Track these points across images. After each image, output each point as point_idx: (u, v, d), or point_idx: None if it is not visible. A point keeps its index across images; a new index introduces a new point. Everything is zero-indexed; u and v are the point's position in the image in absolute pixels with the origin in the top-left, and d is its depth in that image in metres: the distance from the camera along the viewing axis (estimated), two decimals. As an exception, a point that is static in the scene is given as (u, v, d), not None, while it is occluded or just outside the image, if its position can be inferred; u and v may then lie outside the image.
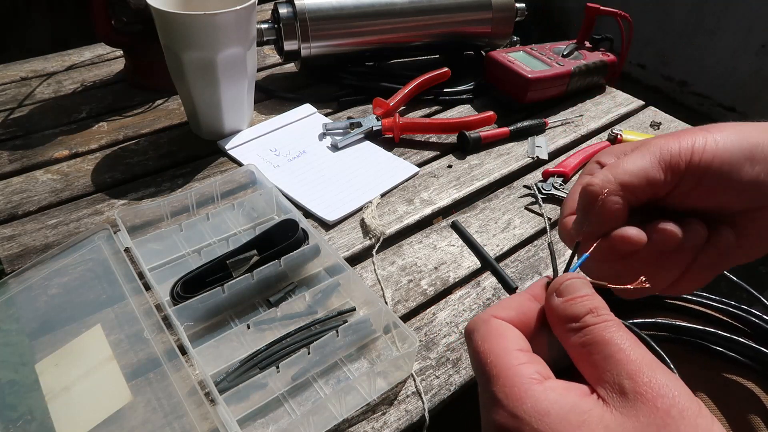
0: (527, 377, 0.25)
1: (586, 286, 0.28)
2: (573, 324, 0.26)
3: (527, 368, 0.25)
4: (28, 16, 1.56)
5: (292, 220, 0.56)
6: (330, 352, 0.47)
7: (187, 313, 0.48)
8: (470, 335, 0.28)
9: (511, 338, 0.27)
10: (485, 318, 0.28)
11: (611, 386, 0.24)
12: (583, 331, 0.26)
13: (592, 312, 0.26)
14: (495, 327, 0.28)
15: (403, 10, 0.84)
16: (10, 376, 0.45)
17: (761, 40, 1.56)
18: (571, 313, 0.27)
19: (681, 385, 0.24)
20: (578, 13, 0.94)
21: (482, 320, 0.28)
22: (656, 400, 0.23)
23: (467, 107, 0.85)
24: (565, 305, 0.27)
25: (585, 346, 0.25)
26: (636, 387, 0.23)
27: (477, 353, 0.27)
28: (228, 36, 0.63)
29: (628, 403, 0.23)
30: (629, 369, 0.24)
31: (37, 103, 0.80)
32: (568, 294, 0.28)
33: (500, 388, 0.25)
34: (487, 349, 0.26)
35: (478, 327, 0.28)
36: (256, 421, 0.44)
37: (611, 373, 0.24)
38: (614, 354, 0.24)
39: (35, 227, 0.59)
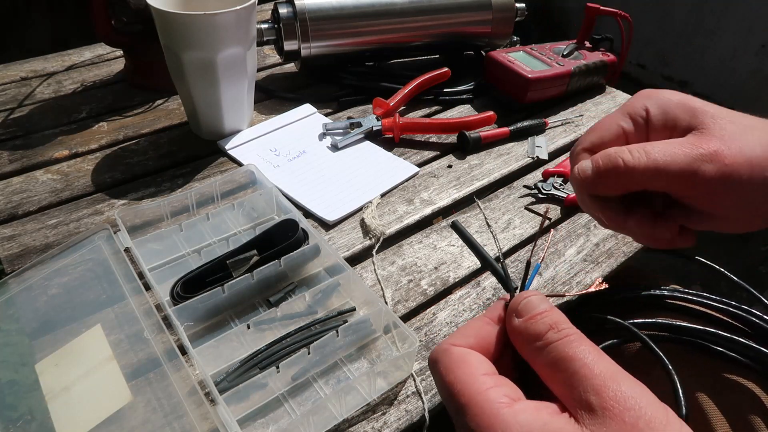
0: (496, 402, 0.25)
1: (543, 301, 0.28)
2: (537, 343, 0.26)
3: (495, 392, 0.25)
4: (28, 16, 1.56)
5: (292, 220, 0.56)
6: (330, 352, 0.47)
7: (187, 313, 0.48)
8: (434, 366, 0.28)
9: (474, 364, 0.27)
10: (445, 348, 0.28)
11: (579, 403, 0.24)
12: (546, 349, 0.26)
13: (553, 328, 0.26)
14: (456, 355, 0.27)
15: (403, 10, 0.84)
16: (10, 376, 0.45)
17: (761, 40, 1.56)
18: (533, 332, 0.27)
19: (647, 395, 0.24)
20: (578, 13, 0.94)
21: (442, 350, 0.28)
22: (623, 414, 0.23)
23: (467, 107, 0.85)
24: (527, 324, 0.27)
25: (550, 365, 0.26)
26: (602, 402, 0.23)
27: (444, 384, 0.27)
28: (228, 36, 0.63)
29: (597, 420, 0.23)
30: (594, 384, 0.24)
31: (37, 103, 0.80)
32: (527, 313, 0.28)
33: (471, 417, 0.25)
34: (453, 379, 0.26)
35: (439, 358, 0.28)
36: (256, 421, 0.44)
37: (578, 389, 0.24)
38: (579, 370, 0.24)
39: (35, 227, 0.59)
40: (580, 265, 0.59)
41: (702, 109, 0.34)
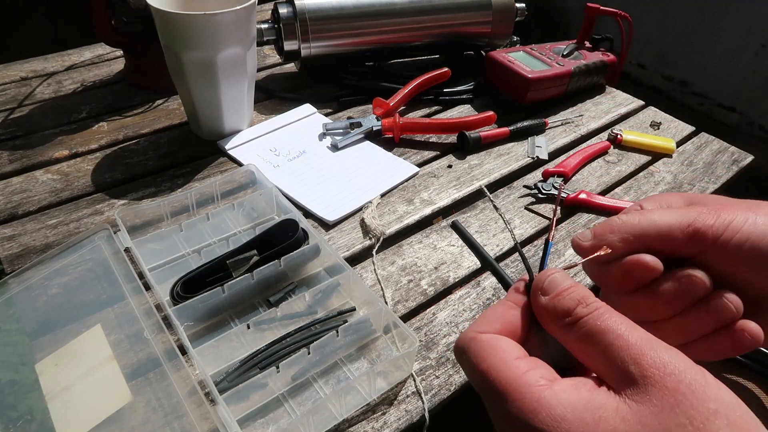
0: (535, 385, 0.24)
1: (566, 278, 0.28)
2: (566, 319, 0.26)
3: (532, 375, 0.25)
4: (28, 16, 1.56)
5: (292, 220, 0.56)
6: (330, 352, 0.47)
7: (187, 313, 0.48)
8: (462, 356, 0.27)
9: (505, 349, 0.27)
10: (471, 336, 0.28)
11: (618, 375, 0.24)
12: (577, 324, 0.26)
13: (581, 303, 0.26)
14: (486, 342, 0.27)
15: (403, 10, 0.84)
16: (10, 376, 0.45)
17: (761, 40, 1.56)
18: (561, 309, 0.26)
19: (683, 358, 0.24)
20: (578, 13, 0.94)
21: (469, 338, 0.27)
22: (665, 380, 0.22)
23: (467, 107, 0.85)
24: (555, 301, 0.27)
25: (583, 340, 0.25)
26: (643, 371, 0.23)
27: (476, 374, 0.26)
28: (228, 36, 0.63)
29: (638, 390, 0.23)
30: (632, 354, 0.23)
31: (37, 103, 0.80)
32: (552, 290, 0.27)
33: (512, 404, 0.24)
34: (486, 367, 0.26)
35: (467, 347, 0.27)
36: (256, 421, 0.44)
37: (615, 361, 0.24)
38: (614, 341, 0.24)
39: (35, 227, 0.59)
40: (580, 266, 0.59)
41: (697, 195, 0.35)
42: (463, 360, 0.28)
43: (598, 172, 0.73)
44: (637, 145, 0.78)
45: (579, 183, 0.71)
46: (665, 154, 0.77)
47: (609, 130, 0.80)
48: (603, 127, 0.82)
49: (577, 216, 0.66)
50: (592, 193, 0.67)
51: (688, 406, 0.22)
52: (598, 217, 0.65)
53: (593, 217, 0.65)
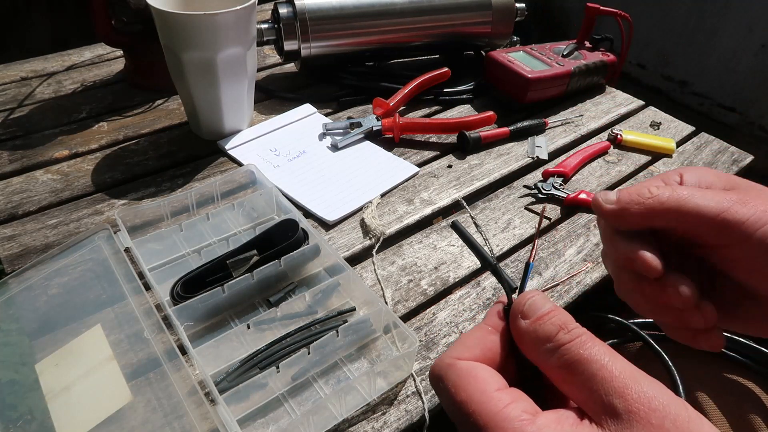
0: (517, 420, 0.23)
1: (547, 301, 0.27)
2: (548, 345, 0.25)
3: (514, 409, 0.24)
4: (28, 16, 1.56)
5: (292, 220, 0.56)
6: (330, 352, 0.47)
7: (187, 313, 0.48)
8: (439, 383, 0.26)
9: (486, 379, 0.26)
10: (449, 362, 0.26)
11: (602, 408, 0.23)
12: (559, 351, 0.25)
13: (563, 329, 0.25)
14: (465, 370, 0.26)
15: (403, 10, 0.84)
16: (10, 376, 0.45)
17: (761, 40, 1.56)
18: (542, 334, 0.26)
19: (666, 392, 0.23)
20: (578, 13, 0.94)
21: (446, 365, 0.26)
22: (649, 416, 0.22)
23: (467, 107, 0.85)
24: (535, 326, 0.26)
25: (564, 368, 0.25)
26: (627, 405, 0.22)
27: (455, 404, 0.25)
28: (228, 36, 0.63)
29: (623, 424, 0.22)
30: (616, 386, 0.23)
31: (37, 103, 0.80)
32: (533, 314, 0.27)
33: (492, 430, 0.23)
34: (465, 398, 0.25)
35: (445, 374, 0.26)
36: (256, 421, 0.44)
37: (598, 393, 0.23)
38: (597, 372, 0.24)
39: (35, 227, 0.59)
40: (580, 265, 0.59)
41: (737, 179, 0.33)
42: (439, 388, 0.26)
43: (598, 172, 0.73)
44: (637, 145, 0.78)
45: (579, 183, 0.71)
46: (665, 154, 0.77)
47: (609, 130, 0.80)
48: (603, 127, 0.82)
49: (577, 216, 0.66)
50: (592, 193, 0.67)
51: None
52: (598, 217, 0.65)
53: (593, 217, 0.65)
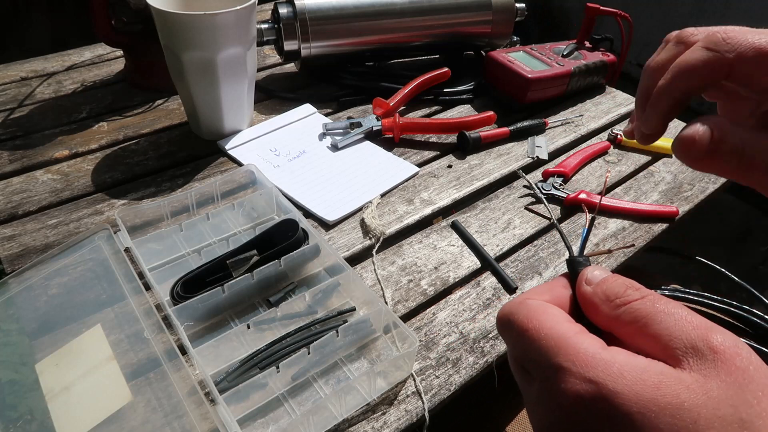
0: (591, 344, 0.24)
1: (606, 271, 0.27)
2: (617, 301, 0.25)
3: (585, 336, 0.24)
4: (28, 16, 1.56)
5: (292, 220, 0.56)
6: (330, 352, 0.47)
7: (187, 313, 0.48)
8: (510, 318, 0.26)
9: (556, 313, 0.26)
10: (520, 300, 0.27)
11: (683, 351, 0.23)
12: (631, 305, 0.25)
13: (630, 287, 0.26)
14: (537, 305, 0.26)
15: (403, 10, 0.84)
16: (10, 376, 0.45)
17: (761, 40, 1.56)
18: (611, 293, 0.26)
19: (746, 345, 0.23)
20: (578, 13, 0.94)
21: (518, 302, 0.27)
22: (734, 359, 0.22)
23: (467, 107, 0.85)
24: (603, 286, 0.26)
25: (639, 320, 0.24)
26: (712, 347, 0.22)
27: (525, 331, 0.25)
28: (228, 36, 0.63)
29: (706, 363, 0.22)
30: (699, 333, 0.23)
31: (38, 103, 0.80)
32: (597, 278, 0.27)
33: (565, 357, 0.23)
34: (538, 325, 0.25)
35: (517, 309, 0.26)
36: (256, 421, 0.44)
37: (680, 338, 0.23)
38: (676, 322, 0.23)
39: (35, 227, 0.59)
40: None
41: None
42: (508, 322, 0.26)
43: (598, 172, 0.73)
44: (637, 145, 0.78)
45: (579, 183, 0.71)
46: (665, 154, 0.77)
47: (609, 130, 0.80)
48: (603, 127, 0.82)
49: (577, 216, 0.66)
50: (592, 193, 0.67)
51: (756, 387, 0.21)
52: (597, 217, 0.65)
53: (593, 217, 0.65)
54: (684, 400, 0.21)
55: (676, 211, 0.66)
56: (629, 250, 0.61)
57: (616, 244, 0.62)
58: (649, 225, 0.65)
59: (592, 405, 0.22)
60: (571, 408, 0.23)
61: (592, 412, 0.22)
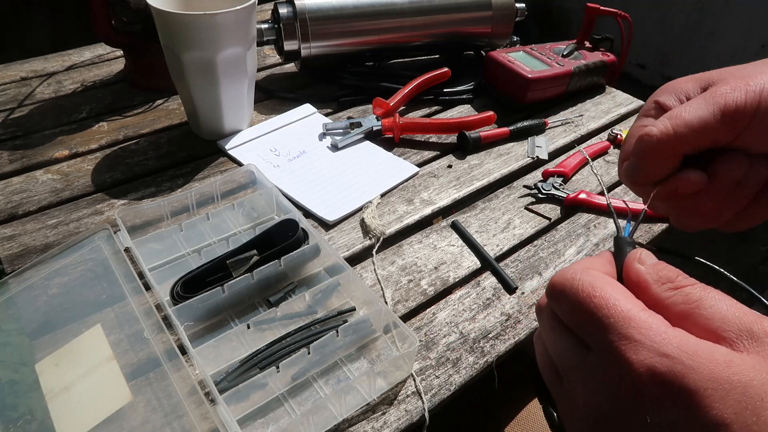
0: (660, 321, 0.24)
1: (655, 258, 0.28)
2: (669, 285, 0.26)
3: (653, 314, 0.24)
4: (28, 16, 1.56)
5: (292, 220, 0.56)
6: (330, 352, 0.47)
7: (187, 312, 0.48)
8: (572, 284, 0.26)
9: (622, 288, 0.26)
10: (582, 268, 0.27)
11: (737, 334, 0.23)
12: (682, 290, 0.25)
13: (681, 275, 0.26)
14: (600, 276, 0.26)
15: (403, 10, 0.84)
16: (10, 376, 0.45)
17: (761, 40, 1.56)
18: (665, 275, 0.26)
19: None
20: (578, 13, 0.94)
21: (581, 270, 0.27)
22: None
23: (467, 107, 0.85)
24: (656, 269, 0.27)
25: (690, 304, 0.25)
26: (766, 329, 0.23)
27: (591, 298, 0.25)
28: (228, 36, 0.63)
29: (762, 346, 0.23)
30: (752, 317, 0.24)
31: (37, 103, 0.80)
32: (649, 260, 0.27)
33: (637, 330, 0.23)
34: (605, 294, 0.25)
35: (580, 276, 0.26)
36: (256, 421, 0.44)
37: (733, 322, 0.24)
38: (730, 307, 0.24)
39: (35, 227, 0.59)
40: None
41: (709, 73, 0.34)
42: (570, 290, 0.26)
43: (598, 172, 0.73)
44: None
45: (579, 183, 0.71)
46: (665, 154, 0.77)
47: (609, 130, 0.80)
48: (603, 127, 0.82)
49: (577, 216, 0.66)
50: (592, 193, 0.67)
51: None
52: (597, 217, 0.65)
53: (593, 217, 0.65)
54: (752, 378, 0.22)
55: (676, 211, 0.65)
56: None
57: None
58: (649, 225, 0.65)
59: (666, 378, 0.22)
60: (640, 380, 0.23)
61: (665, 385, 0.22)
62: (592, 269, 0.27)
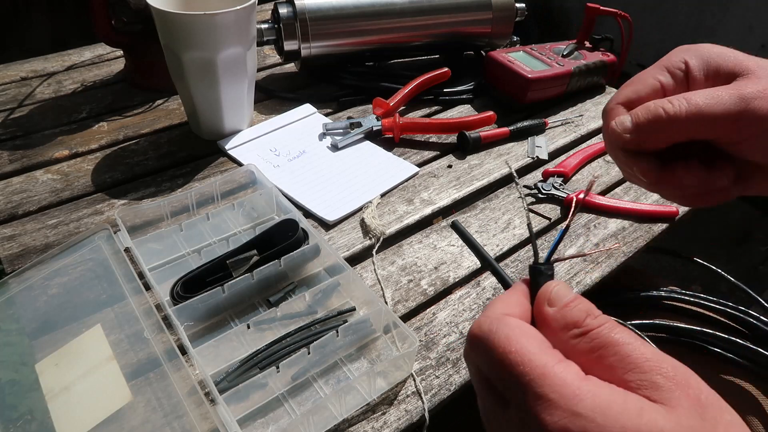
0: (574, 375, 0.24)
1: (569, 290, 0.28)
2: (575, 330, 0.26)
3: (567, 366, 0.24)
4: (28, 16, 1.56)
5: (292, 219, 0.56)
6: (330, 351, 0.47)
7: (187, 312, 0.48)
8: (489, 337, 0.26)
9: (538, 338, 0.26)
10: (498, 317, 0.26)
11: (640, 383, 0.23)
12: (588, 335, 0.25)
13: (590, 315, 0.26)
14: (517, 325, 0.26)
15: (403, 10, 0.84)
16: (10, 376, 0.45)
17: (761, 40, 1.56)
18: (570, 320, 0.26)
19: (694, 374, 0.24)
20: (578, 13, 0.94)
21: (497, 319, 0.26)
22: (688, 390, 0.23)
23: (467, 107, 0.85)
24: (563, 312, 0.26)
25: (595, 350, 0.25)
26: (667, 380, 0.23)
27: (507, 354, 0.25)
28: (228, 36, 0.63)
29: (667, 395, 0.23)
30: (652, 365, 0.24)
31: (38, 103, 0.80)
32: (559, 301, 0.27)
33: (551, 388, 0.23)
34: (520, 349, 0.25)
35: (496, 327, 0.26)
36: (256, 421, 0.44)
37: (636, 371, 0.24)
38: (632, 353, 0.24)
39: (35, 227, 0.59)
40: (580, 265, 0.59)
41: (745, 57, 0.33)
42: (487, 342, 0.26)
43: (597, 172, 0.73)
44: (637, 145, 0.78)
45: (579, 183, 0.71)
46: (665, 154, 0.77)
47: (609, 130, 0.80)
48: (603, 127, 0.82)
49: (577, 216, 0.66)
50: (592, 193, 0.67)
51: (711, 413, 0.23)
52: (598, 218, 0.65)
53: (593, 217, 0.65)
54: (662, 428, 0.22)
55: (676, 211, 0.66)
56: (628, 250, 0.61)
57: (616, 243, 0.62)
58: (649, 225, 0.65)
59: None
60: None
61: None
62: (508, 316, 0.27)
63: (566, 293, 0.27)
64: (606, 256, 0.60)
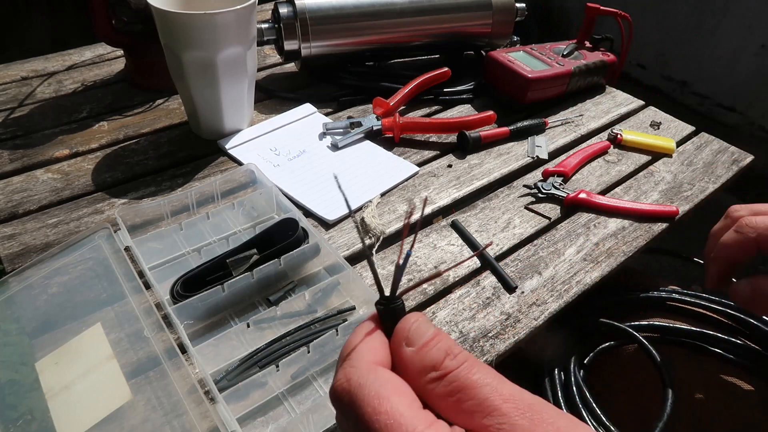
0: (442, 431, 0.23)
1: (429, 324, 0.26)
2: (433, 374, 0.24)
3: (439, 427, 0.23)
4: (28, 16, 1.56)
5: (292, 219, 0.56)
6: (330, 350, 0.47)
7: (187, 311, 0.48)
8: (357, 393, 0.24)
9: (409, 395, 0.24)
10: (368, 368, 0.25)
11: (499, 427, 0.23)
12: (446, 378, 0.24)
13: (449, 355, 0.25)
14: (389, 379, 0.24)
15: (403, 10, 0.84)
16: (10, 376, 0.45)
17: (761, 40, 1.56)
18: (429, 362, 0.25)
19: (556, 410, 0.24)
20: (578, 13, 0.94)
21: (366, 371, 0.25)
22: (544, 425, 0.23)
23: (467, 107, 0.85)
24: (421, 355, 0.25)
25: (453, 394, 0.24)
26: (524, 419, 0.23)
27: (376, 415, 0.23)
28: (228, 36, 0.63)
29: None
30: (510, 407, 0.23)
31: (38, 103, 0.80)
32: (418, 340, 0.26)
33: None
34: (389, 410, 0.23)
35: (365, 381, 0.24)
36: (256, 420, 0.44)
37: (494, 415, 0.23)
38: (489, 395, 0.23)
39: (35, 226, 0.59)
40: (579, 265, 0.59)
41: None
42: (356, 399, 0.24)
43: (598, 172, 0.73)
44: (637, 144, 0.78)
45: (579, 183, 0.71)
46: (665, 153, 0.77)
47: (609, 130, 0.80)
48: (603, 126, 0.82)
49: (577, 216, 0.66)
50: (592, 193, 0.67)
51: None
52: (598, 217, 0.65)
53: (593, 216, 0.65)
54: None
55: (676, 210, 0.66)
56: (628, 250, 0.61)
57: (616, 243, 0.62)
58: (649, 225, 0.65)
59: None
60: None
61: None
62: (378, 367, 0.25)
63: (426, 330, 0.26)
64: (606, 256, 0.60)
